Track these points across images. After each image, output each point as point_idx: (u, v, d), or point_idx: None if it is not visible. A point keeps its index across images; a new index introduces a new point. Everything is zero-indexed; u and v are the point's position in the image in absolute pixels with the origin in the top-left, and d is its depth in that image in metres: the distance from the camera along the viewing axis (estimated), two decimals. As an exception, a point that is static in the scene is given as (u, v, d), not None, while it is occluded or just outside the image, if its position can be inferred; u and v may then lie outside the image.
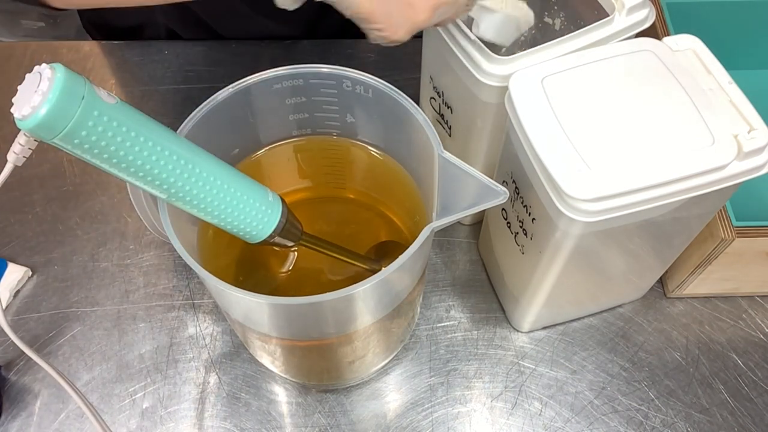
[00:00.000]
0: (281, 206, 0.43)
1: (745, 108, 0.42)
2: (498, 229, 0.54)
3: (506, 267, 0.56)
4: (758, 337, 0.58)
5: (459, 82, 0.49)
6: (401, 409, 0.54)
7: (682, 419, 0.54)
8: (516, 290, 0.54)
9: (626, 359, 0.57)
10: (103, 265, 0.62)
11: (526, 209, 0.46)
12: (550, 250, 0.45)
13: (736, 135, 0.41)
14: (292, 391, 0.55)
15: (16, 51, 0.77)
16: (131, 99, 0.73)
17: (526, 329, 0.58)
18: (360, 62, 0.76)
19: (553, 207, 0.41)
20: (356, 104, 0.49)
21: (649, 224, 0.44)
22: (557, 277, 0.48)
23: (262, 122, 0.50)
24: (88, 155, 0.32)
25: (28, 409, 0.54)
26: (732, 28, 0.68)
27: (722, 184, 0.41)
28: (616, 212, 0.40)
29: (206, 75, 0.75)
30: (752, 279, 0.57)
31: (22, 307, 0.60)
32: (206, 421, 0.54)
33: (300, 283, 0.49)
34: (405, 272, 0.43)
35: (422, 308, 0.59)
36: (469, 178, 0.39)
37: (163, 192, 0.37)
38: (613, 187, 0.39)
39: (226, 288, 0.37)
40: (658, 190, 0.40)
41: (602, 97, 0.43)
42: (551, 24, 0.58)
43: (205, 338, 0.58)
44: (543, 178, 0.41)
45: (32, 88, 0.30)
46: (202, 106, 0.44)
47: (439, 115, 0.58)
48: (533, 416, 0.54)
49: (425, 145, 0.43)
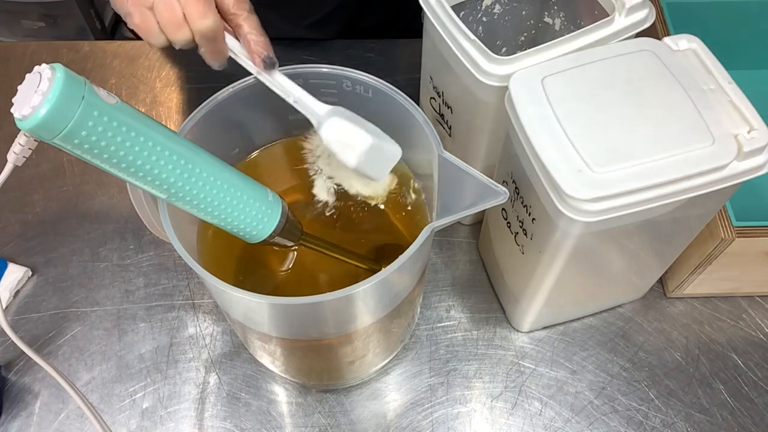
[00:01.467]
0: (281, 206, 0.43)
1: (745, 108, 0.42)
2: (498, 229, 0.54)
3: (506, 267, 0.56)
4: (758, 337, 0.58)
5: (459, 82, 0.49)
6: (401, 409, 0.54)
7: (682, 419, 0.54)
8: (516, 290, 0.54)
9: (626, 359, 0.57)
10: (103, 265, 0.62)
11: (526, 209, 0.46)
12: (550, 250, 0.45)
13: (736, 135, 0.41)
14: (292, 391, 0.55)
15: (16, 51, 0.77)
16: (131, 99, 0.73)
17: (527, 329, 0.58)
18: (360, 62, 0.76)
19: (553, 207, 0.41)
20: (356, 104, 0.48)
21: (649, 224, 0.44)
22: (557, 277, 0.48)
23: (262, 122, 0.50)
24: (88, 155, 0.32)
25: (28, 409, 0.54)
26: (732, 28, 0.68)
27: (722, 184, 0.41)
28: (616, 212, 0.40)
29: (206, 75, 0.75)
30: (752, 279, 0.57)
31: (22, 307, 0.60)
32: (206, 421, 0.54)
33: (300, 283, 0.48)
34: (405, 272, 0.43)
35: (422, 308, 0.59)
36: (469, 178, 0.39)
37: (163, 192, 0.37)
38: (613, 187, 0.39)
39: (226, 288, 0.37)
40: (658, 190, 0.40)
41: (602, 97, 0.43)
42: (551, 24, 0.58)
43: (205, 338, 0.58)
44: (543, 178, 0.41)
45: (32, 88, 0.30)
46: (202, 106, 0.44)
47: (439, 115, 0.58)
48: (533, 416, 0.54)
49: (425, 145, 0.43)
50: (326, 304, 0.38)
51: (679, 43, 0.46)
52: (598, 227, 0.41)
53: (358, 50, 0.77)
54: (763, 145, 0.41)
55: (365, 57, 0.76)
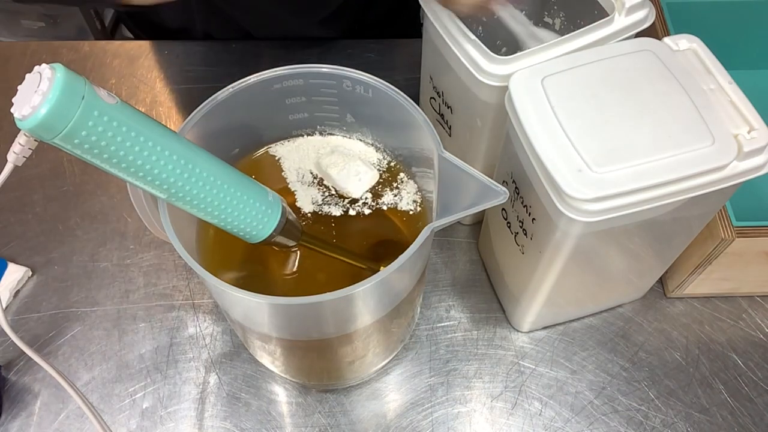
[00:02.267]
0: (281, 206, 0.43)
1: (745, 108, 0.42)
2: (498, 229, 0.54)
3: (506, 267, 0.56)
4: (758, 337, 0.58)
5: (459, 82, 0.49)
6: (401, 409, 0.54)
7: (682, 419, 0.54)
8: (516, 290, 0.54)
9: (626, 359, 0.57)
10: (103, 265, 0.62)
11: (526, 209, 0.46)
12: (550, 250, 0.45)
13: (736, 135, 0.41)
14: (292, 391, 0.55)
15: (16, 51, 0.77)
16: (131, 99, 0.73)
17: (527, 329, 0.58)
18: (360, 62, 0.76)
19: (554, 207, 0.41)
20: (356, 104, 0.49)
21: (650, 224, 0.44)
22: (557, 277, 0.48)
23: (262, 122, 0.50)
24: (88, 155, 0.32)
25: (28, 409, 0.54)
26: (732, 28, 0.68)
27: (722, 184, 0.41)
28: (617, 212, 0.40)
29: (206, 75, 0.75)
30: (752, 279, 0.57)
31: (22, 307, 0.60)
32: (206, 421, 0.54)
33: (300, 283, 0.48)
34: (405, 272, 0.43)
35: (422, 308, 0.59)
36: (469, 178, 0.39)
37: (163, 192, 0.37)
38: (613, 187, 0.39)
39: (226, 288, 0.37)
40: (659, 190, 0.40)
41: (602, 97, 0.43)
42: (551, 24, 0.58)
43: (205, 338, 0.58)
44: (543, 178, 0.41)
45: (32, 88, 0.30)
46: (202, 106, 0.44)
47: (439, 115, 0.58)
48: (533, 416, 0.54)
49: (425, 145, 0.43)
50: (326, 304, 0.38)
51: (679, 43, 0.46)
52: (598, 227, 0.42)
53: (358, 50, 0.77)
54: (763, 145, 0.41)
55: (365, 57, 0.76)
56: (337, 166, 0.50)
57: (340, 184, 0.50)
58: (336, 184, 0.50)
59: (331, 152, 0.51)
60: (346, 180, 0.49)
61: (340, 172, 0.49)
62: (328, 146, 0.52)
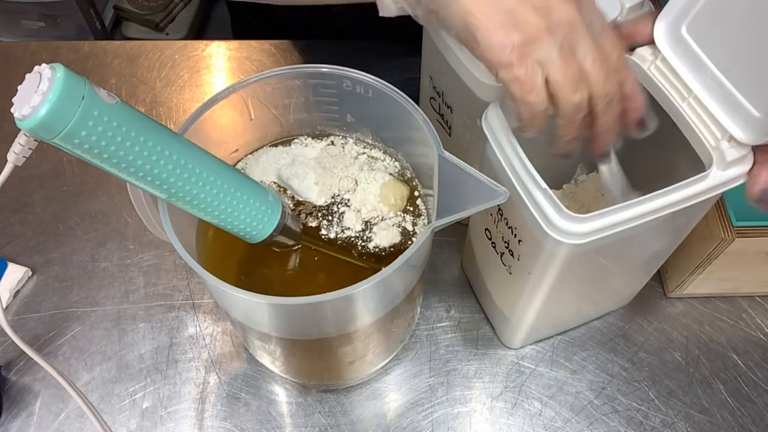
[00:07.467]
0: (281, 206, 0.43)
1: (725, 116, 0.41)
2: (482, 248, 0.53)
3: (494, 286, 0.55)
4: (758, 337, 0.58)
5: (459, 82, 0.49)
6: (401, 409, 0.54)
7: (682, 419, 0.54)
8: (506, 309, 0.53)
9: (626, 359, 0.57)
10: (103, 265, 0.62)
11: (511, 231, 0.45)
12: (538, 270, 0.44)
13: (718, 144, 0.40)
14: (292, 391, 0.55)
15: (16, 51, 0.77)
16: (131, 99, 0.73)
17: (518, 346, 0.57)
18: (360, 62, 0.76)
19: (540, 230, 0.40)
20: (356, 104, 0.48)
21: (636, 237, 0.43)
22: (547, 296, 0.47)
23: (262, 122, 0.50)
24: (88, 155, 0.32)
25: (28, 409, 0.54)
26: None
27: (707, 195, 0.40)
28: (602, 233, 0.39)
29: (206, 75, 0.75)
30: (752, 279, 0.57)
31: (22, 307, 0.60)
32: (206, 421, 0.54)
33: (300, 282, 0.48)
34: (405, 272, 0.43)
35: (422, 308, 0.59)
36: (469, 178, 0.39)
37: (163, 192, 0.37)
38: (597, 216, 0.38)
39: (226, 288, 0.37)
40: (644, 207, 0.39)
41: None
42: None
43: (205, 338, 0.58)
44: (527, 201, 0.40)
45: (32, 88, 0.30)
46: (202, 106, 0.44)
47: (439, 115, 0.58)
48: (533, 416, 0.54)
49: (425, 145, 0.43)
50: (326, 304, 0.38)
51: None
52: (585, 247, 0.41)
53: (358, 50, 0.77)
54: (745, 153, 0.40)
55: (365, 57, 0.76)
56: (298, 177, 0.49)
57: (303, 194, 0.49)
58: (298, 194, 0.49)
59: (292, 162, 0.50)
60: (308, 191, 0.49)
61: (302, 183, 0.49)
62: (288, 156, 0.51)
